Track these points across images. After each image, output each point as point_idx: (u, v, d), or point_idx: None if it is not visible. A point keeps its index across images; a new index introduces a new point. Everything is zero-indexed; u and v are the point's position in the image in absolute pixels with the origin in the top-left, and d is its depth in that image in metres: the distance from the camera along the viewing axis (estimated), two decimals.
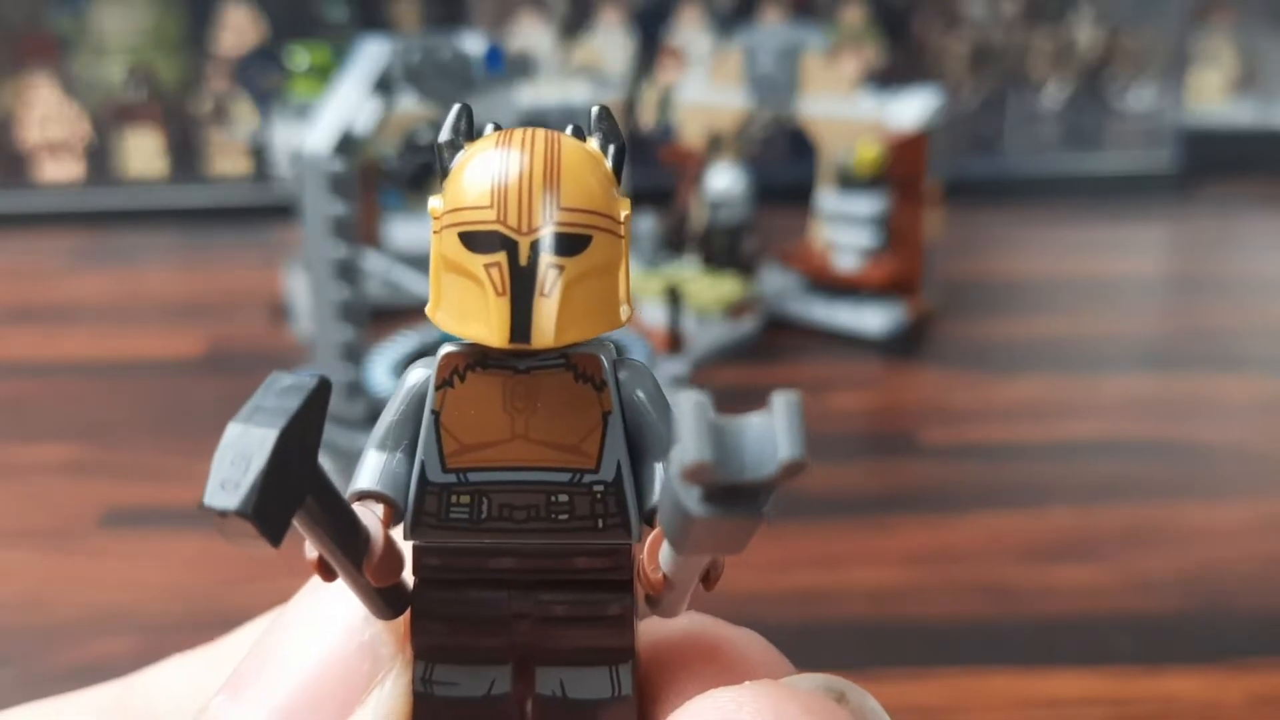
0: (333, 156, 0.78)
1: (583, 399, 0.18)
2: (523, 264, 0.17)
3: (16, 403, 1.04)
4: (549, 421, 0.18)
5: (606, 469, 0.18)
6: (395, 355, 0.95)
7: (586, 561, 0.18)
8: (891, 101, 1.14)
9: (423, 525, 0.18)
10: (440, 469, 0.18)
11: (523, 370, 0.18)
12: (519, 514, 0.18)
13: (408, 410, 0.18)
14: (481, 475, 0.18)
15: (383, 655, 0.19)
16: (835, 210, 1.16)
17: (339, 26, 1.66)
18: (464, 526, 0.18)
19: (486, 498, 0.18)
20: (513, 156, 0.17)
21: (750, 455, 0.14)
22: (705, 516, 0.14)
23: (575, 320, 0.17)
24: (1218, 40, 1.87)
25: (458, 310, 0.17)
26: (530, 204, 0.17)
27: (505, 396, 0.18)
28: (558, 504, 0.18)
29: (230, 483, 0.15)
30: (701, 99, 1.23)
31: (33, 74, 1.69)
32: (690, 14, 1.69)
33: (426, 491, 0.18)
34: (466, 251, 0.17)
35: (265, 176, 1.49)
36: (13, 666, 0.67)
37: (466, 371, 0.18)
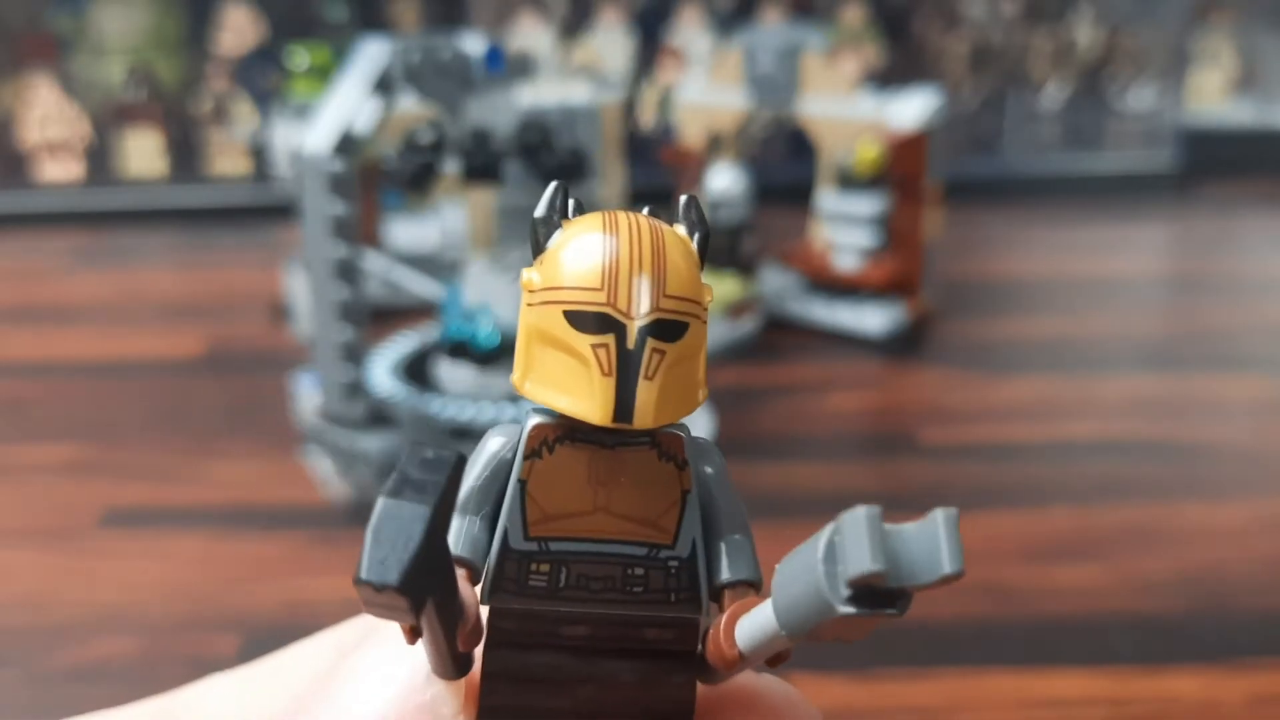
0: (333, 156, 0.78)
1: (664, 477, 0.18)
2: (630, 347, 0.17)
3: (16, 403, 1.04)
4: (631, 497, 0.18)
5: (682, 545, 0.19)
6: (395, 355, 0.95)
7: (656, 633, 0.19)
8: (891, 101, 1.14)
9: (502, 590, 0.19)
10: (523, 537, 0.18)
11: (609, 446, 0.18)
12: (595, 584, 0.18)
13: (490, 477, 0.19)
14: (562, 545, 0.18)
15: (444, 715, 0.19)
16: (835, 210, 1.16)
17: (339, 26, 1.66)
18: (541, 594, 0.18)
19: (566, 567, 0.18)
20: (621, 241, 0.18)
21: (910, 563, 0.15)
22: (852, 614, 0.15)
23: (670, 402, 0.18)
24: (1218, 40, 1.87)
25: (555, 384, 0.18)
26: (642, 290, 0.17)
27: (591, 470, 0.18)
28: (633, 576, 0.18)
29: (391, 559, 0.15)
30: (701, 99, 1.23)
31: (33, 74, 1.69)
32: (690, 14, 1.69)
33: (508, 558, 0.18)
34: (572, 330, 0.18)
35: (265, 176, 1.49)
36: (13, 666, 0.67)
37: (556, 444, 0.18)
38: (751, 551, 0.19)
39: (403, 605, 0.15)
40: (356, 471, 0.83)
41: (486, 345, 0.89)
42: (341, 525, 0.81)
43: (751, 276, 1.18)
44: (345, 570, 0.80)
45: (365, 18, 1.68)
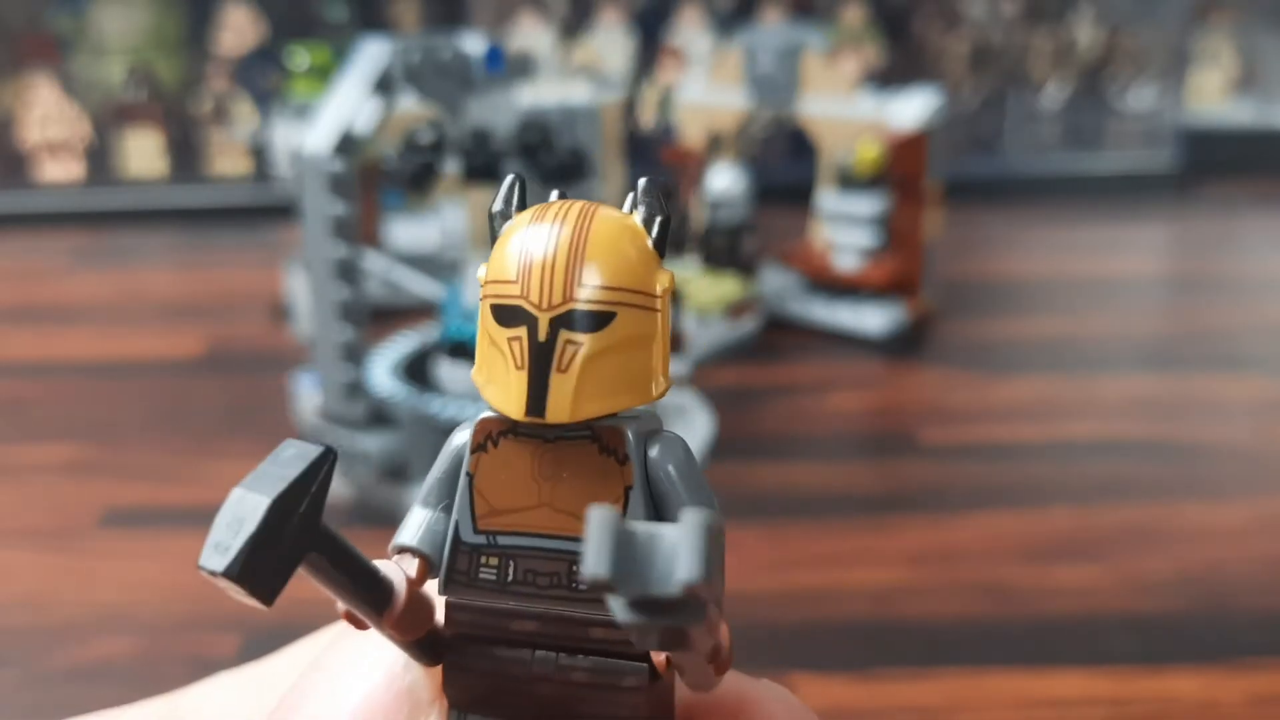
0: (333, 156, 0.78)
1: (606, 471, 0.18)
2: (541, 340, 0.17)
3: (16, 403, 1.04)
4: (573, 491, 0.18)
5: None
6: (395, 355, 0.95)
7: (603, 632, 0.19)
8: (891, 101, 1.14)
9: (454, 582, 0.19)
10: (472, 530, 0.19)
11: (550, 440, 0.18)
12: (542, 580, 0.19)
13: (449, 469, 0.19)
14: (510, 539, 0.19)
15: (421, 700, 0.19)
16: (835, 210, 1.16)
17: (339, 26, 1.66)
18: (491, 587, 0.19)
19: (513, 561, 0.19)
20: (543, 232, 0.18)
21: (658, 570, 0.15)
22: (630, 622, 0.15)
23: (595, 395, 0.17)
24: (1218, 40, 1.87)
25: (489, 378, 0.18)
26: (552, 281, 0.17)
27: (534, 464, 0.18)
28: (577, 574, 0.18)
29: (222, 546, 0.16)
30: (701, 99, 1.23)
31: (33, 74, 1.69)
32: (690, 14, 1.69)
33: (459, 550, 0.19)
34: (495, 324, 0.18)
35: (265, 176, 1.49)
36: (13, 666, 0.67)
37: (500, 437, 0.18)
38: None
39: (240, 591, 0.16)
40: (356, 471, 0.83)
41: None
42: (341, 525, 0.81)
43: (751, 276, 1.18)
44: None
45: (365, 18, 1.68)
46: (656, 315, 0.18)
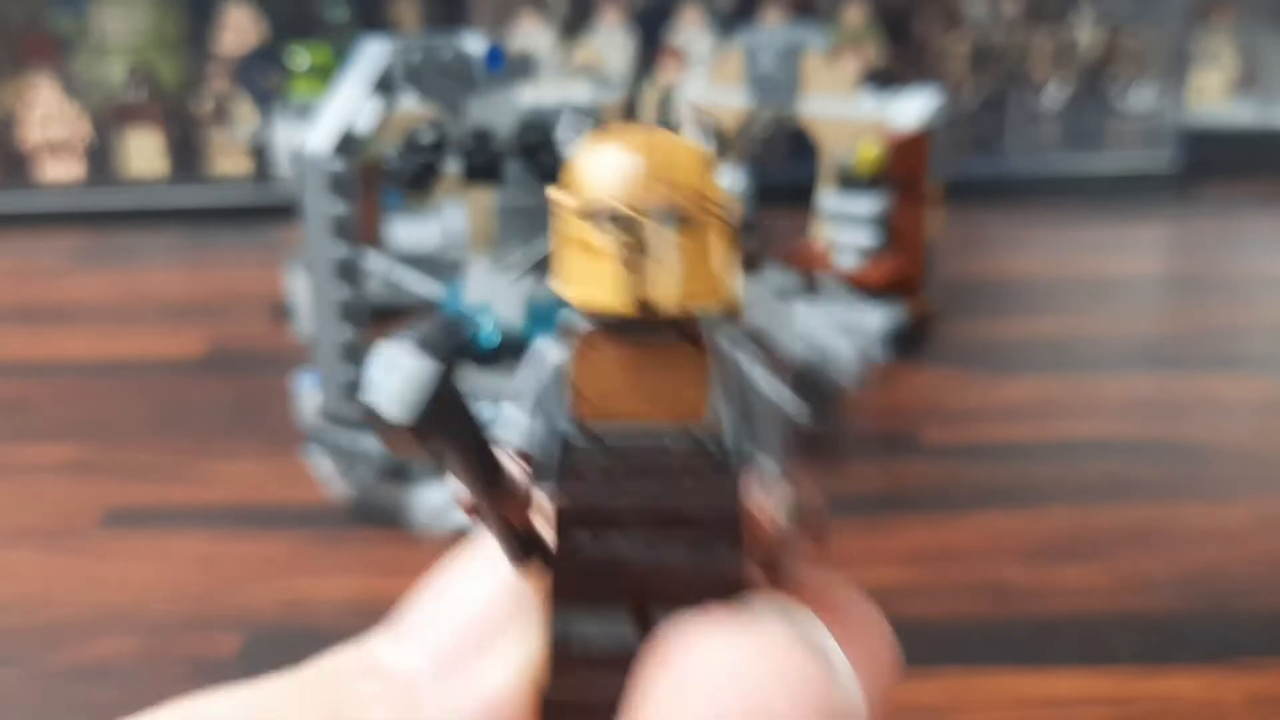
0: (333, 156, 0.78)
1: (693, 361, 0.20)
2: (642, 237, 0.19)
3: (16, 403, 1.04)
4: (663, 380, 0.20)
5: (712, 421, 0.20)
6: None
7: (694, 505, 0.20)
8: (892, 101, 1.14)
9: (557, 476, 0.20)
10: (569, 423, 0.20)
11: (639, 337, 0.20)
12: (634, 460, 0.20)
13: (540, 374, 0.21)
14: (603, 426, 0.20)
15: (523, 598, 0.21)
16: (836, 210, 1.16)
17: (339, 26, 1.66)
18: (594, 478, 0.20)
19: (612, 452, 0.20)
20: (633, 145, 0.20)
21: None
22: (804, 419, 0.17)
23: (688, 288, 0.19)
24: (1218, 40, 1.87)
25: (583, 281, 0.20)
26: (648, 186, 0.19)
27: (626, 360, 0.20)
28: (666, 450, 0.20)
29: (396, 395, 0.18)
30: (702, 99, 1.23)
31: (33, 74, 1.69)
32: (690, 14, 1.69)
33: (560, 445, 0.20)
34: (589, 229, 0.19)
35: (266, 176, 1.49)
36: (14, 666, 0.67)
37: (597, 340, 0.20)
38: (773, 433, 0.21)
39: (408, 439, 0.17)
40: (356, 471, 0.83)
41: (486, 345, 0.89)
42: (341, 525, 0.81)
43: (752, 276, 1.18)
44: (346, 570, 0.80)
45: (365, 18, 1.68)
46: (724, 226, 0.20)
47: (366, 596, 0.76)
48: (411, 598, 0.22)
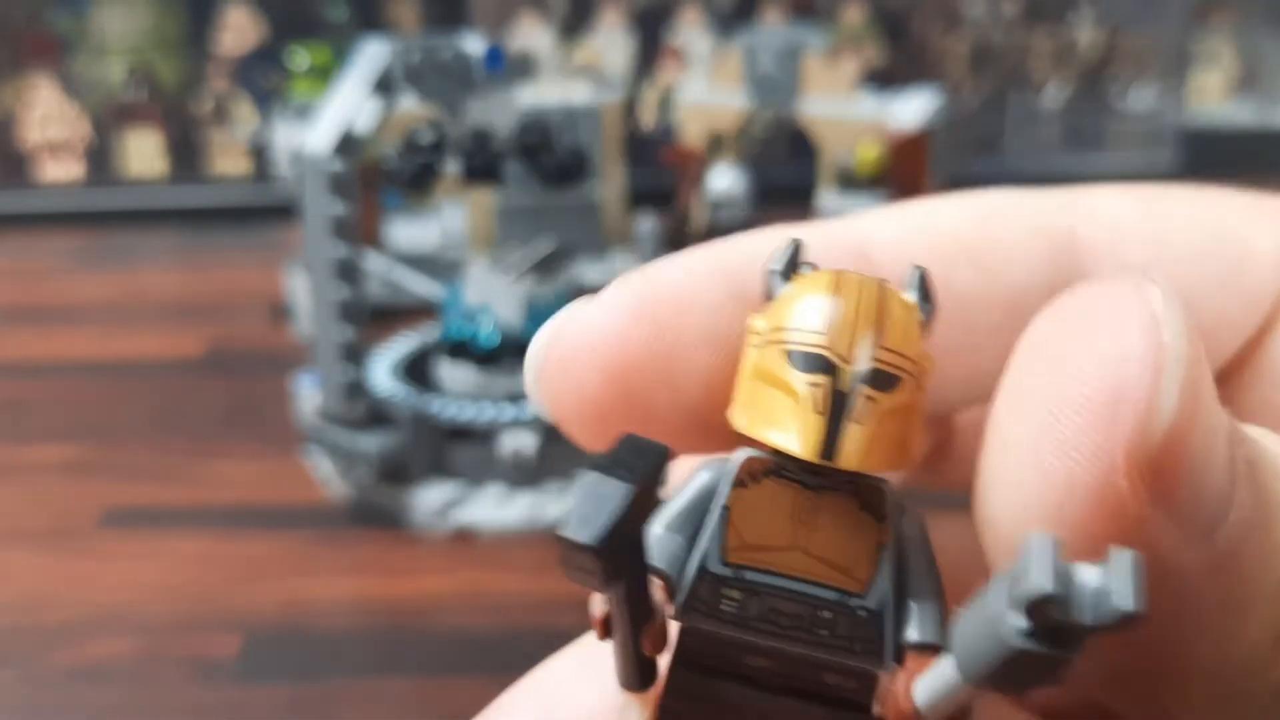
0: (333, 156, 0.78)
1: (863, 527, 0.19)
2: (843, 389, 0.18)
3: (16, 403, 1.04)
4: (829, 540, 0.19)
5: (872, 597, 0.19)
6: (395, 355, 0.95)
7: (835, 679, 0.19)
8: (892, 102, 1.14)
9: (693, 609, 0.19)
10: (720, 561, 0.19)
11: (813, 488, 0.19)
12: (784, 619, 0.19)
13: (697, 500, 0.19)
14: (756, 575, 0.19)
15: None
16: (836, 210, 1.16)
17: (339, 26, 1.66)
18: (730, 619, 0.19)
19: (756, 597, 0.19)
20: (848, 294, 0.19)
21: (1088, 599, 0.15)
22: (1025, 648, 0.15)
23: (876, 451, 0.18)
24: (1218, 41, 1.87)
25: (767, 419, 0.19)
26: (857, 339, 0.18)
27: (794, 508, 0.19)
28: (821, 619, 0.19)
29: (591, 522, 0.17)
30: (702, 99, 1.23)
31: (33, 74, 1.69)
32: (690, 14, 1.69)
33: (703, 579, 0.19)
34: (790, 369, 0.18)
35: (265, 176, 1.49)
36: (13, 667, 0.67)
37: (763, 476, 0.19)
38: (941, 618, 0.19)
39: (595, 569, 0.16)
40: (356, 471, 0.83)
41: (486, 345, 0.89)
42: (341, 525, 0.81)
43: None
44: (345, 570, 0.80)
45: (365, 18, 1.68)
46: (922, 393, 0.19)
47: (366, 596, 0.76)
48: (507, 694, 0.21)
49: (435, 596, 0.74)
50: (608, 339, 0.19)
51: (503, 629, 0.71)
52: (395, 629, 0.72)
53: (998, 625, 0.15)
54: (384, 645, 0.71)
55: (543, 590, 0.75)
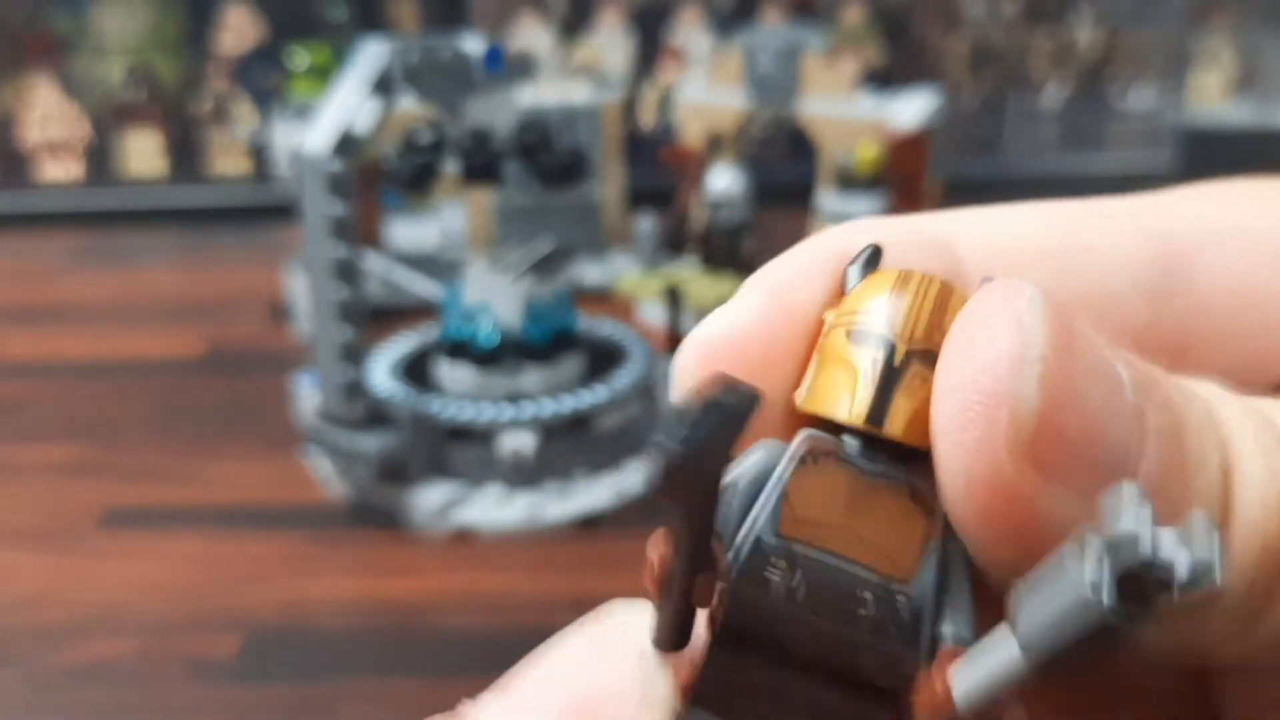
0: (332, 156, 0.78)
1: (912, 519, 0.20)
2: (895, 364, 0.19)
3: (16, 403, 1.04)
4: (880, 527, 0.19)
5: (915, 586, 0.19)
6: (395, 355, 0.95)
7: (870, 662, 0.19)
8: (891, 101, 1.14)
9: (740, 576, 0.19)
10: (772, 532, 0.19)
11: (869, 474, 0.20)
12: (825, 596, 0.19)
13: (754, 476, 0.20)
14: (805, 550, 0.19)
15: (653, 695, 0.19)
16: (835, 210, 1.16)
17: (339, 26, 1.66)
18: (775, 591, 0.19)
19: (803, 571, 0.19)
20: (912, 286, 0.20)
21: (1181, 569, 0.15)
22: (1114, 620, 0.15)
23: (919, 424, 0.19)
24: (1218, 40, 1.87)
25: (825, 393, 0.20)
26: (916, 324, 0.19)
27: (849, 491, 0.20)
28: (861, 600, 0.19)
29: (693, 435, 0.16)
30: (701, 99, 1.23)
31: (33, 74, 1.69)
32: (690, 14, 1.69)
33: (754, 547, 0.19)
34: (850, 345, 0.20)
35: (265, 176, 1.49)
36: (12, 667, 0.67)
37: (822, 457, 0.20)
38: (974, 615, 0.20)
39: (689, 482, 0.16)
40: (356, 471, 0.83)
41: (486, 345, 0.89)
42: (341, 525, 0.81)
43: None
44: (345, 570, 0.80)
45: (365, 18, 1.68)
46: None
47: (366, 596, 0.76)
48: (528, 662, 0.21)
49: (435, 596, 0.74)
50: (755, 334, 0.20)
51: (502, 629, 0.71)
52: (395, 629, 0.72)
53: (1081, 595, 0.15)
54: (384, 645, 0.71)
55: (542, 590, 0.75)
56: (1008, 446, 0.17)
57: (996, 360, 0.17)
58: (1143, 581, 0.15)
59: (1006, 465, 0.17)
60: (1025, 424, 0.17)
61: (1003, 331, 0.17)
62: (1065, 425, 0.17)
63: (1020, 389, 0.17)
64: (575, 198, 1.22)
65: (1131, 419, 0.17)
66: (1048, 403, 0.17)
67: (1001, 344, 0.17)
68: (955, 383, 0.17)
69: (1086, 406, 0.17)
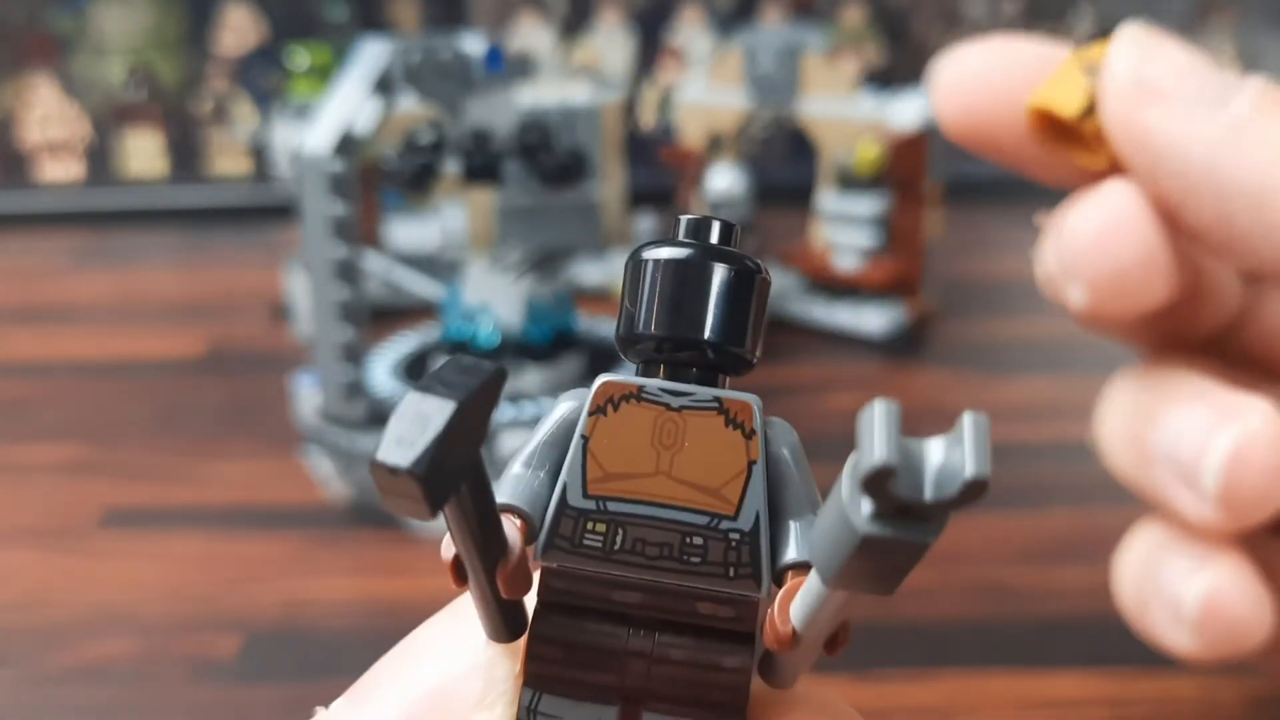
0: (333, 157, 0.78)
1: (730, 444, 0.18)
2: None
3: (16, 403, 1.04)
4: (694, 462, 0.18)
5: (745, 518, 0.18)
6: (395, 355, 0.95)
7: (710, 608, 0.18)
8: (892, 102, 1.14)
9: (555, 547, 0.18)
10: (581, 494, 0.18)
11: (675, 409, 0.18)
12: (651, 550, 0.18)
13: (556, 434, 0.19)
14: (620, 506, 0.18)
15: (496, 678, 0.19)
16: (835, 210, 1.16)
17: (339, 26, 1.66)
18: (595, 555, 0.18)
19: (622, 529, 0.18)
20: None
21: (931, 474, 0.14)
22: (873, 533, 0.14)
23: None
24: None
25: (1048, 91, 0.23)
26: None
27: (655, 431, 0.18)
28: (691, 546, 0.18)
29: (405, 442, 0.15)
30: (701, 99, 1.23)
31: (33, 74, 1.69)
32: (690, 14, 1.69)
33: (564, 514, 0.18)
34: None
35: (265, 176, 1.49)
36: (11, 668, 0.67)
37: (621, 402, 0.18)
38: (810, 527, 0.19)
39: (415, 494, 0.15)
40: (356, 471, 0.83)
41: (486, 345, 0.89)
42: (341, 525, 0.81)
43: None
44: (345, 570, 0.80)
45: (365, 18, 1.68)
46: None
47: (366, 597, 0.76)
48: (378, 663, 0.20)
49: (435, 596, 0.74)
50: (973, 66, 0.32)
51: None
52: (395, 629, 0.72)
53: (847, 513, 0.14)
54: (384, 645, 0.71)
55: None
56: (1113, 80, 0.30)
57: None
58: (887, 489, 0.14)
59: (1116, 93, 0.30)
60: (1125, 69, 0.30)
61: None
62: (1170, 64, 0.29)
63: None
64: (575, 198, 1.22)
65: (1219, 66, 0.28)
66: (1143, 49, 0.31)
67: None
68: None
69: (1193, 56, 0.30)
